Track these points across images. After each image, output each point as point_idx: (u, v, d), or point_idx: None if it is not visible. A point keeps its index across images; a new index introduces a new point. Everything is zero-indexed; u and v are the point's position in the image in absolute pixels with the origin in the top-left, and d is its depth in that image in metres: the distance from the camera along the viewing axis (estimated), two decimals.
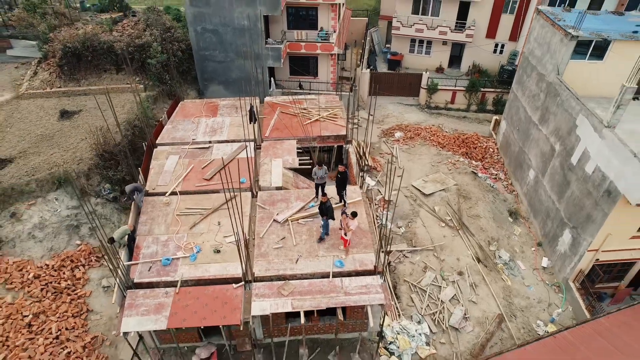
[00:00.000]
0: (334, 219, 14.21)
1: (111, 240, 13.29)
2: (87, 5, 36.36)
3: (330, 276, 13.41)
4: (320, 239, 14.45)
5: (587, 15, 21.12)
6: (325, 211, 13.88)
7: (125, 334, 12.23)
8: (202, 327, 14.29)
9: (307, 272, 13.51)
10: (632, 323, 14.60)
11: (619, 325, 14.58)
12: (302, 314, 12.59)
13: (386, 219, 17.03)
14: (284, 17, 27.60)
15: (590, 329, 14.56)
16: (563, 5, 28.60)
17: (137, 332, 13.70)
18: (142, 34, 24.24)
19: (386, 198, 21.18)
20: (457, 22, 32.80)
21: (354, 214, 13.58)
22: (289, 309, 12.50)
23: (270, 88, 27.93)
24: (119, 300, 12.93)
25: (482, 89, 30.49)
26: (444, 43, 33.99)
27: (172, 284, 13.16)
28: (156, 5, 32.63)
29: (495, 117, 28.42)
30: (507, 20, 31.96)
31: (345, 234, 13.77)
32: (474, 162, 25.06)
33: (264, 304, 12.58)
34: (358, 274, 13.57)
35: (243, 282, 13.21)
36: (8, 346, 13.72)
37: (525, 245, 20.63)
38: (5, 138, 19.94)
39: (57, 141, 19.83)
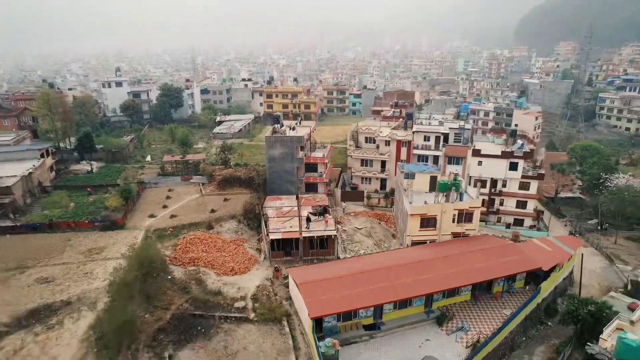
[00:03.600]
0: (309, 227, 50.51)
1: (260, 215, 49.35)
2: (207, 161, 76.90)
3: (323, 230, 49.15)
4: (307, 224, 50.48)
5: (414, 165, 60.26)
6: (308, 220, 50.38)
7: (272, 240, 47.50)
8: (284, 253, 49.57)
9: (315, 230, 49.27)
10: (420, 250, 49.33)
11: (414, 250, 49.35)
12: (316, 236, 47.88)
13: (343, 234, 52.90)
14: (302, 169, 66.69)
15: (401, 251, 49.29)
16: (425, 162, 68.38)
17: (266, 253, 48.95)
18: (252, 173, 63.04)
19: (344, 229, 57.42)
20: (381, 169, 72.49)
21: (323, 212, 50.31)
22: (312, 235, 48.00)
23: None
24: (265, 236, 48.33)
25: (391, 197, 68.38)
26: (377, 178, 73.16)
27: (280, 232, 48.64)
28: (243, 161, 72.98)
29: None
30: None
31: (326, 219, 50.13)
32: (381, 221, 61.30)
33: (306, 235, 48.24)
34: (329, 230, 49.38)
35: (299, 230, 48.84)
36: (223, 263, 48.35)
37: (396, 243, 55.63)
38: (208, 206, 56.90)
39: (227, 206, 56.72)
